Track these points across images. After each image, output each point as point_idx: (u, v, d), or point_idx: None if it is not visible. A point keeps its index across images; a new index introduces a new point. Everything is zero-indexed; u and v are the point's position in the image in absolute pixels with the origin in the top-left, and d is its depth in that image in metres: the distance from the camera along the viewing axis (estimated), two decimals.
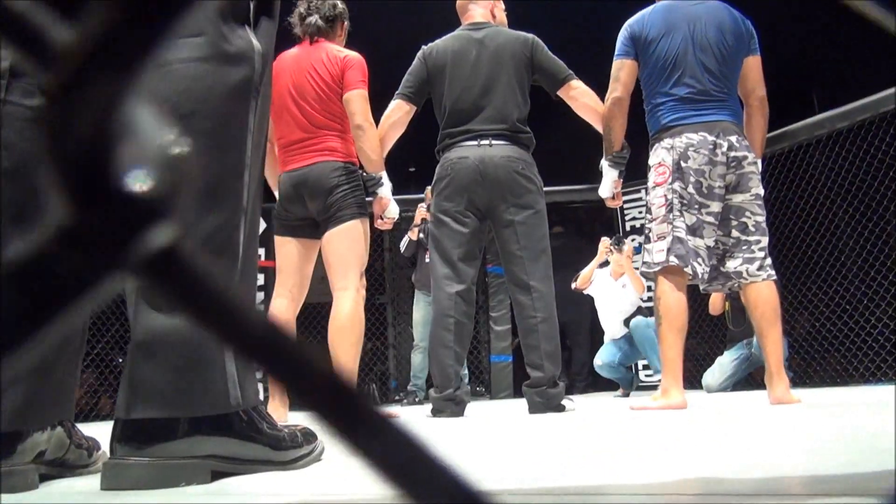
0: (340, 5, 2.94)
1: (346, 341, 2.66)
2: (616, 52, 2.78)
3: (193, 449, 1.03)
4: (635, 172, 2.83)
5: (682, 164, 2.62)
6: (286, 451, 1.16)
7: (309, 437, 1.25)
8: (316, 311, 5.38)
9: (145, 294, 0.98)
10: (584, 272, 5.41)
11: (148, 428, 1.02)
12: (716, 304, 5.00)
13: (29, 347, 0.16)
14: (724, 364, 4.82)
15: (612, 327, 5.29)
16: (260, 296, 5.09)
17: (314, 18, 2.86)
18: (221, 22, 1.01)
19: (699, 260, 2.61)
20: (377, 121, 2.91)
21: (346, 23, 2.97)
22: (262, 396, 5.07)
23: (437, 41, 3.03)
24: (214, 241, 1.02)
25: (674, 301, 2.60)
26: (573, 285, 5.44)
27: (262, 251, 4.97)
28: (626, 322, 5.21)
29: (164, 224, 0.17)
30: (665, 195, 2.64)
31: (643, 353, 5.14)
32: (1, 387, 1.03)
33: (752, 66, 2.75)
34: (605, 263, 5.39)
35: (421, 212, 5.28)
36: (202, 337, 0.97)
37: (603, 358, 5.29)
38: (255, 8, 1.13)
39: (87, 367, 4.74)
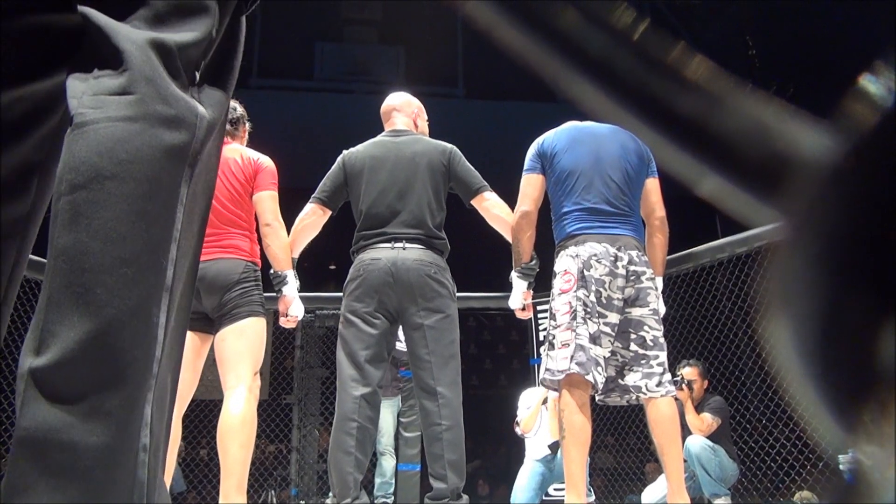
0: (240, 108, 3.02)
1: (235, 443, 2.50)
2: (525, 168, 2.91)
3: None
4: (549, 283, 2.91)
5: (586, 273, 2.68)
6: None
7: None
8: (208, 408, 5.08)
9: (41, 377, 0.77)
10: (528, 416, 4.60)
11: None
12: None
13: None
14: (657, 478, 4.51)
15: (538, 447, 4.66)
16: None
17: None
18: (160, 82, 0.92)
19: (598, 369, 2.63)
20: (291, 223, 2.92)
21: (247, 124, 3.06)
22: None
23: (358, 146, 3.08)
24: (128, 324, 0.85)
25: (578, 415, 2.59)
26: (517, 431, 4.70)
27: None
28: (553, 445, 4.48)
29: None
30: (570, 302, 2.68)
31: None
32: None
33: (652, 187, 2.91)
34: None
35: None
36: (111, 437, 0.78)
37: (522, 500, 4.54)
38: (209, 76, 1.03)
39: None
